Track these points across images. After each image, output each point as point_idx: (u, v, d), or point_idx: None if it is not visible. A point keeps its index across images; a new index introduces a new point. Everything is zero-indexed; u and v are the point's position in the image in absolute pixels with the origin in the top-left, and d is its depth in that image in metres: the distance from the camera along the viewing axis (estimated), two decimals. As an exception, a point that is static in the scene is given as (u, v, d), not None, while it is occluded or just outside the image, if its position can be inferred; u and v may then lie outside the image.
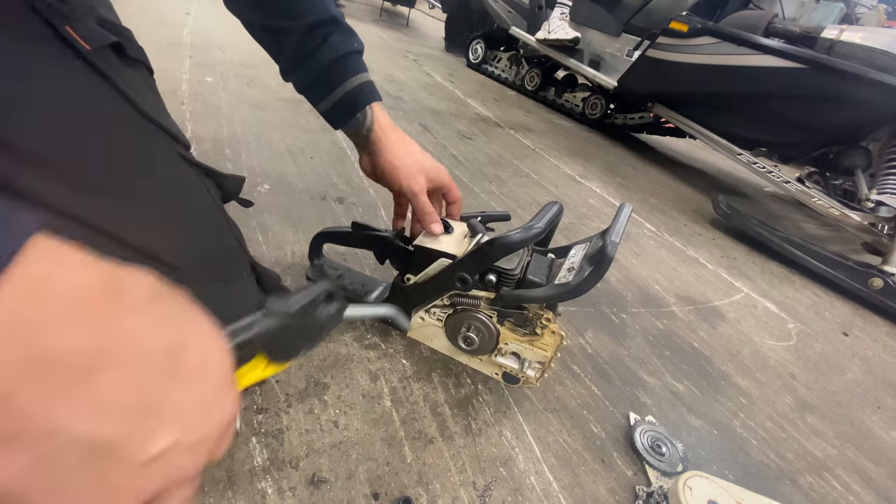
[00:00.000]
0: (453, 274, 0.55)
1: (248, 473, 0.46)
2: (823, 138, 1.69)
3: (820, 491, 0.66)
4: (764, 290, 1.26)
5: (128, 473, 0.16)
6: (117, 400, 0.16)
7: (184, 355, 0.19)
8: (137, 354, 0.17)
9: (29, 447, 0.14)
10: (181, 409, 0.18)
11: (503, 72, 2.98)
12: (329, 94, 0.54)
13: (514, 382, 0.62)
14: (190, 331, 0.20)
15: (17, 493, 0.15)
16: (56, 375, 0.14)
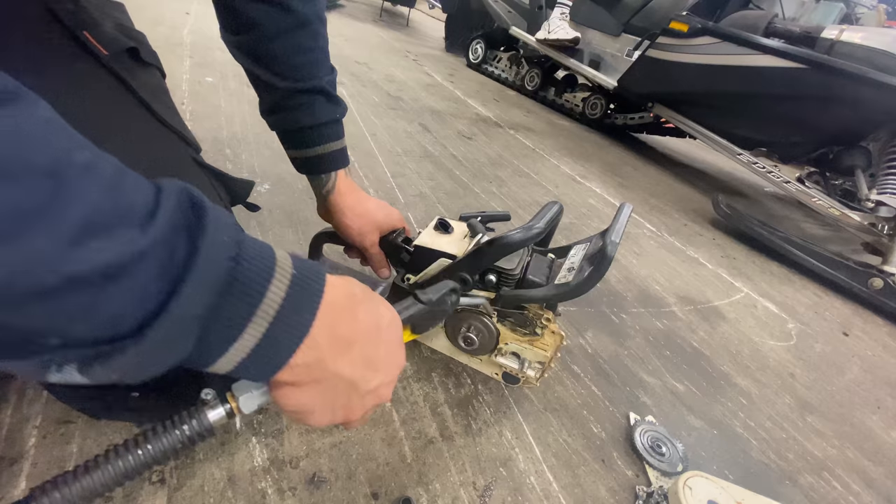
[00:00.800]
0: (453, 274, 0.55)
1: (248, 473, 0.46)
2: (823, 138, 1.69)
3: (820, 491, 0.66)
4: (764, 290, 1.26)
5: (361, 398, 0.31)
6: (361, 358, 0.30)
7: (381, 326, 0.32)
8: (367, 330, 0.30)
9: (323, 384, 0.29)
10: (383, 359, 0.32)
11: (503, 72, 2.98)
12: (300, 149, 0.56)
13: (513, 382, 0.62)
14: (383, 311, 0.33)
15: (309, 408, 0.30)
16: (339, 346, 0.28)
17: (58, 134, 0.18)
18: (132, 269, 0.19)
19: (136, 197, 0.20)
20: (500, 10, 2.84)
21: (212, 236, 0.22)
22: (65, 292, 0.18)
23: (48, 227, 0.17)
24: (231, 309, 0.23)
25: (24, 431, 0.44)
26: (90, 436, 0.45)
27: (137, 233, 0.19)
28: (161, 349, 0.21)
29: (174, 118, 0.48)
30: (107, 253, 0.18)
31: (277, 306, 0.24)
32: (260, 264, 0.24)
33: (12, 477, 0.41)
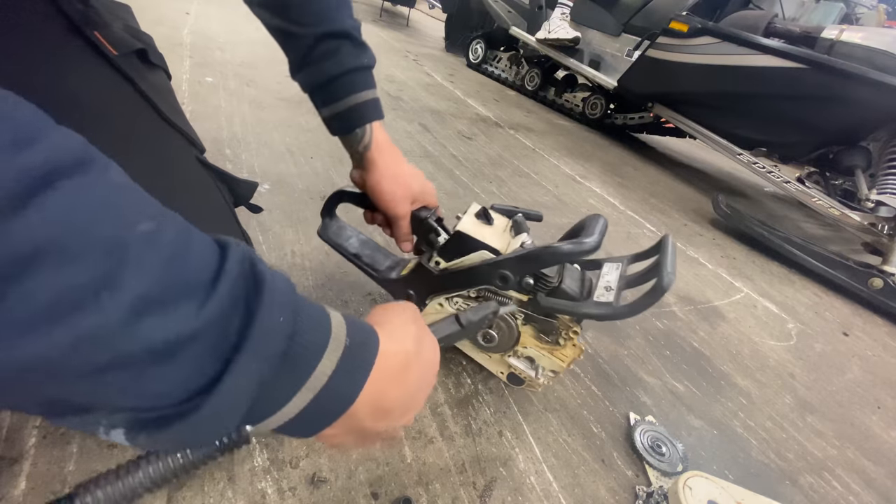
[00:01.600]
0: (495, 270, 0.53)
1: (248, 473, 0.46)
2: (823, 138, 1.69)
3: (820, 491, 0.66)
4: (764, 290, 1.26)
5: (388, 434, 0.32)
6: (400, 413, 0.31)
7: (425, 376, 0.33)
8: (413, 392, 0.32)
9: (356, 435, 0.30)
10: (419, 400, 0.33)
11: (503, 72, 2.98)
12: (331, 103, 0.53)
13: (517, 384, 0.61)
14: (429, 357, 0.34)
15: (340, 445, 0.32)
16: (379, 415, 0.29)
17: (123, 204, 0.18)
18: (184, 348, 0.19)
19: (197, 267, 0.20)
20: (500, 10, 2.84)
21: (266, 317, 0.21)
22: (115, 369, 0.17)
23: (103, 306, 0.16)
24: (279, 382, 0.23)
25: (24, 431, 0.44)
26: (90, 436, 0.45)
27: (194, 309, 0.19)
28: (206, 424, 0.20)
29: (180, 119, 0.49)
30: (160, 332, 0.18)
31: (326, 379, 0.24)
32: (314, 337, 0.24)
33: (12, 477, 0.41)
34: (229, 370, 0.20)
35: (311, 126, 1.38)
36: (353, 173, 0.59)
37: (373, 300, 0.75)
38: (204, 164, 0.49)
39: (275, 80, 1.65)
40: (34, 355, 0.15)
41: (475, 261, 0.54)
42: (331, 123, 0.56)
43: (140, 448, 0.22)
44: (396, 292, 0.63)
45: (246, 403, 0.21)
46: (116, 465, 0.27)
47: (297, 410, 0.24)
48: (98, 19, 0.42)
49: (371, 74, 0.55)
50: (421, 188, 0.59)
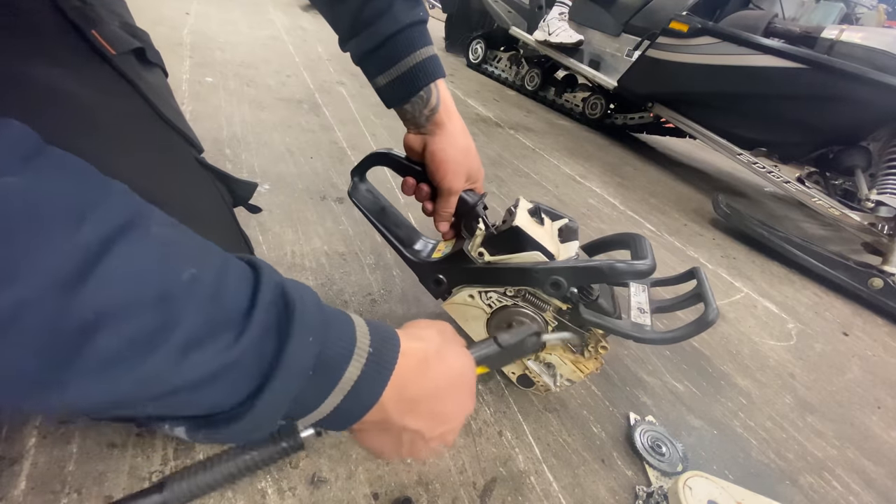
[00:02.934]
0: (548, 275, 0.50)
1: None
2: (823, 138, 1.69)
3: (820, 491, 0.66)
4: (764, 290, 1.26)
5: (426, 443, 0.34)
6: (427, 412, 0.32)
7: (452, 381, 0.34)
8: (436, 388, 0.33)
9: (391, 433, 0.32)
10: (451, 410, 0.34)
11: (503, 72, 2.98)
12: (389, 68, 0.49)
13: (526, 385, 0.61)
14: (455, 365, 0.35)
15: (377, 449, 0.34)
16: (406, 406, 0.31)
17: (168, 257, 0.21)
18: (226, 373, 0.22)
19: (234, 300, 0.22)
20: (500, 10, 2.84)
21: (297, 340, 0.24)
22: (169, 396, 0.20)
23: (157, 353, 0.19)
24: (312, 390, 0.26)
25: (24, 431, 0.44)
26: (90, 436, 0.45)
27: (232, 340, 0.22)
28: (249, 427, 0.24)
29: (178, 119, 0.49)
30: (205, 366, 0.21)
31: (353, 383, 0.28)
32: (341, 349, 0.27)
33: (12, 477, 0.41)
34: (266, 387, 0.23)
35: (312, 126, 1.38)
36: (411, 138, 0.54)
37: (373, 300, 0.75)
38: (202, 164, 0.48)
39: (274, 80, 1.65)
40: (105, 396, 0.19)
41: (527, 261, 0.52)
42: (390, 91, 0.51)
43: (199, 443, 0.27)
44: (425, 274, 0.59)
45: (282, 411, 0.25)
46: (201, 460, 0.31)
47: (328, 410, 0.28)
48: (95, 16, 0.41)
49: (427, 30, 0.50)
50: (478, 170, 0.55)
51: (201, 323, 0.20)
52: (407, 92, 0.50)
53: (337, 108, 1.60)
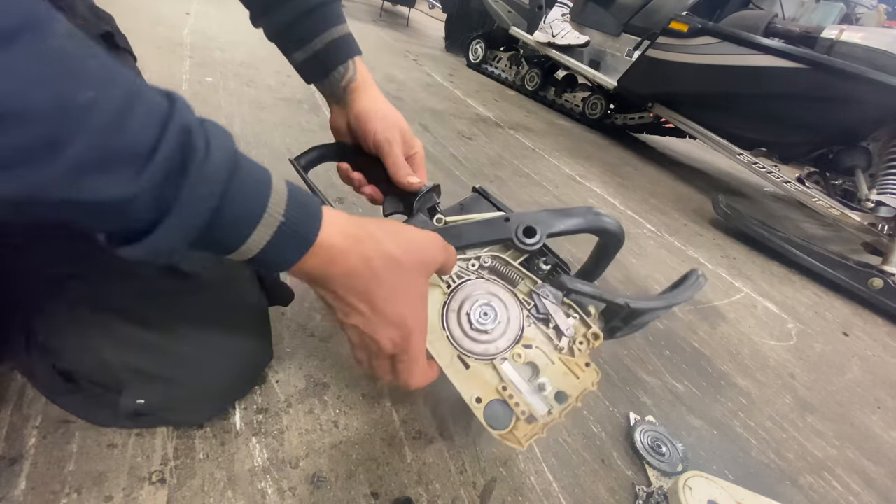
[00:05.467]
0: (520, 221, 0.43)
1: (248, 473, 0.46)
2: (823, 138, 1.69)
3: (820, 491, 0.66)
4: (764, 290, 1.26)
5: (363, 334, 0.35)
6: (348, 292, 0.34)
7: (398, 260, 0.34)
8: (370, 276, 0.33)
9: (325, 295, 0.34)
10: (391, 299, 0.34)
11: (503, 72, 2.98)
12: (306, 44, 0.49)
13: (499, 426, 0.39)
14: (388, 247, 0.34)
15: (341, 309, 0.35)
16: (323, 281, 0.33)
17: (64, 70, 0.20)
18: (125, 206, 0.22)
19: (138, 136, 0.22)
20: (500, 10, 2.84)
21: (189, 193, 0.24)
22: (70, 209, 0.21)
23: (45, 164, 0.19)
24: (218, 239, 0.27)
25: (24, 431, 0.44)
26: (90, 436, 0.45)
27: (133, 174, 0.22)
28: (150, 253, 0.25)
29: None
30: (99, 192, 0.21)
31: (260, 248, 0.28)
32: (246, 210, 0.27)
33: (12, 477, 0.41)
34: (160, 226, 0.24)
35: (311, 126, 1.38)
36: (335, 117, 0.54)
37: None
38: None
39: (275, 80, 1.65)
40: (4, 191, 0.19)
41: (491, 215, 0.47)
42: (307, 67, 0.51)
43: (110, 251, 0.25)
44: None
45: (181, 246, 0.25)
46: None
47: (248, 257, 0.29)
48: (64, 3, 0.40)
49: (341, 9, 0.51)
50: (411, 134, 0.52)
51: (96, 150, 0.20)
52: (325, 68, 0.50)
53: (337, 108, 1.59)
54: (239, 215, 0.27)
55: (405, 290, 0.35)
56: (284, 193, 0.29)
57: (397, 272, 0.34)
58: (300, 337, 0.63)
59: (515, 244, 0.43)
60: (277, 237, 0.28)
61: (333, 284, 0.32)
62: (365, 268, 0.32)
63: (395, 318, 0.34)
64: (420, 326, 0.36)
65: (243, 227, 0.27)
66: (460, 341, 0.41)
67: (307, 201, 0.30)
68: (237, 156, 0.27)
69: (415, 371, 0.38)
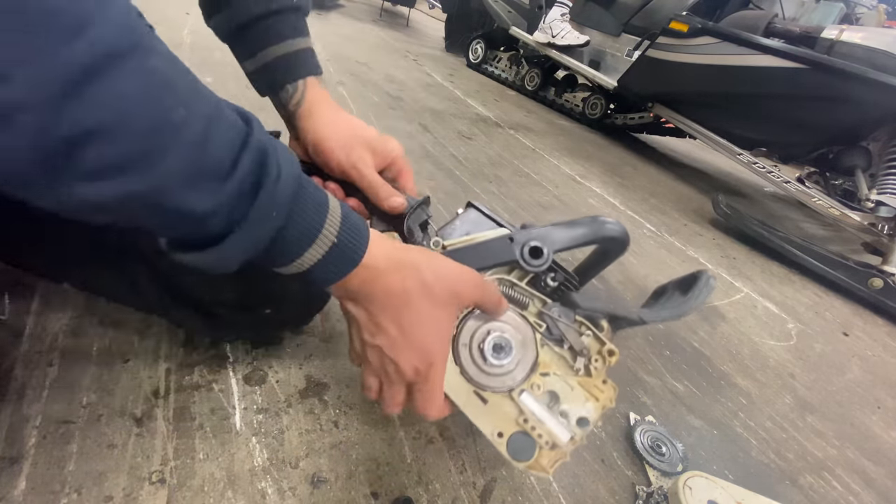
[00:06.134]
0: (525, 240, 0.41)
1: (248, 473, 0.46)
2: (823, 138, 1.69)
3: (820, 491, 0.66)
4: (764, 290, 1.26)
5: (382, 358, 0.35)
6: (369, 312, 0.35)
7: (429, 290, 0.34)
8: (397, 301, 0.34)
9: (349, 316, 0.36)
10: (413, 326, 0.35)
11: (503, 72, 2.98)
12: (257, 52, 0.45)
13: (523, 457, 0.38)
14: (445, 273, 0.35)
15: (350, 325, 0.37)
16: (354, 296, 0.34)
17: (162, 89, 0.22)
18: (201, 218, 0.24)
19: (220, 153, 0.24)
20: (500, 10, 2.84)
21: (256, 213, 0.26)
22: (153, 217, 0.23)
23: (142, 175, 0.21)
24: (276, 255, 0.29)
25: (24, 431, 0.44)
26: (90, 436, 0.45)
27: (214, 189, 0.24)
28: (215, 262, 0.27)
29: None
30: (187, 203, 0.23)
31: (312, 265, 0.30)
32: (303, 232, 0.29)
33: (12, 477, 0.41)
34: (229, 238, 0.26)
35: (311, 126, 1.38)
36: (291, 145, 0.49)
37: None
38: None
39: (275, 80, 1.64)
40: (91, 199, 0.21)
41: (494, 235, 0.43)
42: (257, 80, 0.47)
43: (173, 258, 0.28)
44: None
45: (245, 257, 0.27)
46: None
47: (299, 271, 0.30)
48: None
49: (304, 21, 0.47)
50: (379, 137, 0.47)
51: (184, 164, 0.22)
52: (274, 83, 0.46)
53: (337, 108, 1.59)
54: (298, 235, 0.29)
55: (434, 319, 0.35)
56: (339, 216, 0.31)
57: (429, 300, 0.34)
58: (300, 337, 0.63)
59: (523, 266, 0.41)
60: (328, 256, 0.30)
61: (368, 302, 0.34)
62: (401, 290, 0.33)
63: (420, 345, 0.35)
64: (442, 357, 0.37)
65: (301, 245, 0.29)
66: (475, 377, 0.38)
67: (359, 224, 0.32)
68: (301, 179, 0.29)
69: (434, 400, 0.37)
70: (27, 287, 0.58)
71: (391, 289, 0.33)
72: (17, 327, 0.53)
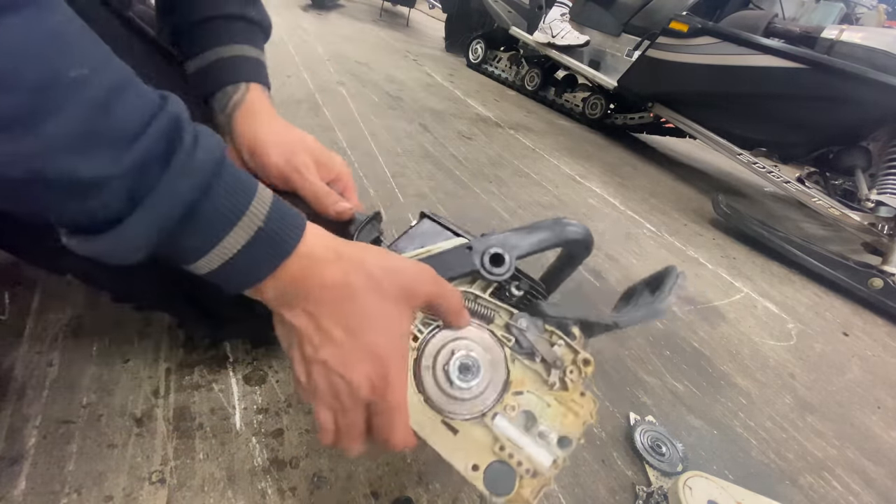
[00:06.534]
0: (484, 247, 0.39)
1: (248, 473, 0.46)
2: (823, 138, 1.69)
3: (820, 491, 0.66)
4: (764, 290, 1.26)
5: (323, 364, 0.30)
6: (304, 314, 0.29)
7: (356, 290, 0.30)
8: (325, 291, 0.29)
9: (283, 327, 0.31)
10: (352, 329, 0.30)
11: (503, 72, 2.98)
12: (198, 53, 0.43)
13: (505, 491, 0.33)
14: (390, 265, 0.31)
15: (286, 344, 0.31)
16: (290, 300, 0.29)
17: (61, 46, 0.21)
18: (98, 188, 0.22)
19: (124, 119, 0.22)
20: (500, 10, 2.84)
21: (168, 182, 0.23)
22: (40, 187, 0.21)
23: (27, 134, 0.19)
24: (188, 238, 0.25)
25: (24, 431, 0.44)
26: (90, 436, 0.45)
27: (113, 157, 0.22)
28: (117, 249, 0.24)
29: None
30: (78, 169, 0.21)
31: (234, 253, 0.26)
32: (224, 209, 0.26)
33: (12, 477, 0.41)
34: (133, 214, 0.23)
35: (311, 126, 1.38)
36: (231, 154, 0.48)
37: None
38: None
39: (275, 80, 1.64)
40: None
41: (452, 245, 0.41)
42: (198, 79, 0.44)
43: (74, 249, 0.24)
44: None
45: (151, 240, 0.24)
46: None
47: (207, 270, 0.27)
48: (126, 2, 0.43)
49: (258, 32, 0.46)
50: (321, 147, 0.45)
51: (77, 126, 0.20)
52: (211, 85, 0.44)
53: (337, 109, 1.59)
54: (216, 214, 0.25)
55: (384, 316, 0.30)
56: (269, 200, 0.27)
57: (377, 295, 0.29)
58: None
59: (484, 276, 0.39)
60: (255, 242, 0.26)
61: (307, 301, 0.29)
62: (343, 283, 0.29)
63: (371, 348, 0.29)
64: (399, 364, 0.30)
65: (219, 227, 0.25)
66: (442, 404, 0.34)
67: (291, 212, 0.29)
68: (224, 158, 0.26)
69: (396, 423, 0.30)
70: (27, 287, 0.58)
71: (331, 281, 0.29)
72: (17, 327, 0.53)
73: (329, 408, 0.30)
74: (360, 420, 0.30)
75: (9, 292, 0.57)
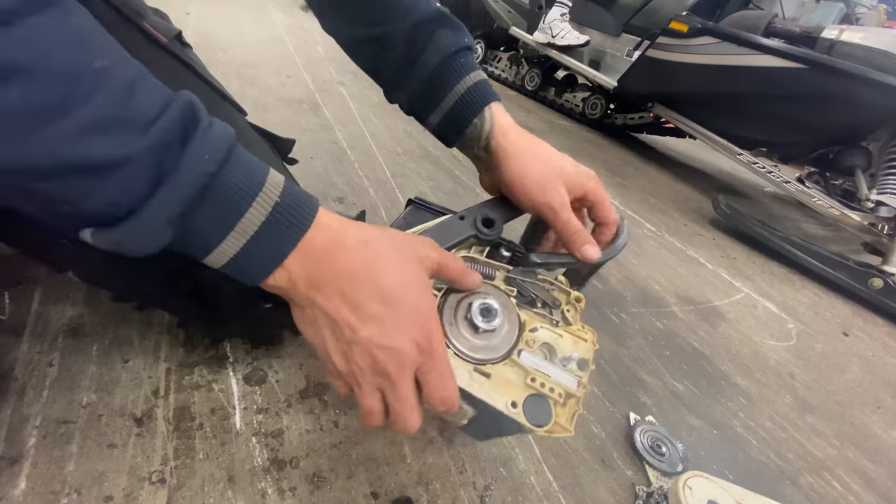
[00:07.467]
0: (476, 214, 0.44)
1: (248, 473, 0.46)
2: (823, 138, 1.69)
3: (820, 491, 0.66)
4: (764, 290, 1.26)
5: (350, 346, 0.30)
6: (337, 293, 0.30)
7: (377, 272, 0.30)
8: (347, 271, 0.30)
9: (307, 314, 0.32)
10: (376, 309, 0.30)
11: (503, 72, 2.98)
12: (439, 102, 0.45)
13: (545, 420, 0.36)
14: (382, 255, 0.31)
15: (310, 336, 0.32)
16: (313, 280, 0.29)
17: (83, 41, 0.23)
18: (119, 168, 0.23)
19: (143, 105, 0.24)
20: (500, 10, 2.84)
21: (193, 151, 0.25)
22: (67, 175, 0.22)
23: (56, 121, 0.21)
24: (208, 220, 0.26)
25: (24, 431, 0.44)
26: (90, 436, 0.45)
27: (133, 138, 0.23)
28: (139, 236, 0.25)
29: (224, 90, 0.55)
30: (100, 151, 0.22)
31: (255, 229, 0.27)
32: (242, 183, 0.27)
33: (12, 477, 0.41)
34: (156, 192, 0.24)
35: (311, 126, 1.38)
36: (483, 179, 0.49)
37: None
38: (251, 125, 0.56)
39: (275, 80, 1.65)
40: (9, 154, 0.21)
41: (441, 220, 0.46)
42: (444, 128, 0.46)
43: (98, 245, 0.25)
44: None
45: (171, 226, 0.25)
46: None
47: (232, 252, 0.27)
48: (139, 9, 0.45)
49: (472, 56, 0.47)
50: (575, 170, 0.45)
51: (103, 111, 0.22)
52: (461, 124, 0.45)
53: (337, 109, 1.60)
54: (235, 190, 0.26)
55: (412, 277, 0.31)
56: (281, 179, 0.29)
57: (399, 256, 0.31)
58: (300, 337, 0.63)
59: (479, 237, 0.44)
60: (274, 217, 0.27)
61: (338, 277, 0.29)
62: (365, 248, 0.30)
63: (410, 311, 0.30)
64: (437, 319, 0.32)
65: (239, 201, 0.26)
66: (471, 352, 0.37)
67: (302, 190, 0.30)
68: (235, 141, 0.27)
69: (447, 377, 0.31)
70: (27, 287, 0.58)
71: (355, 246, 0.30)
72: (17, 327, 0.53)
73: (376, 387, 0.31)
74: (412, 388, 0.31)
75: (9, 292, 0.57)
